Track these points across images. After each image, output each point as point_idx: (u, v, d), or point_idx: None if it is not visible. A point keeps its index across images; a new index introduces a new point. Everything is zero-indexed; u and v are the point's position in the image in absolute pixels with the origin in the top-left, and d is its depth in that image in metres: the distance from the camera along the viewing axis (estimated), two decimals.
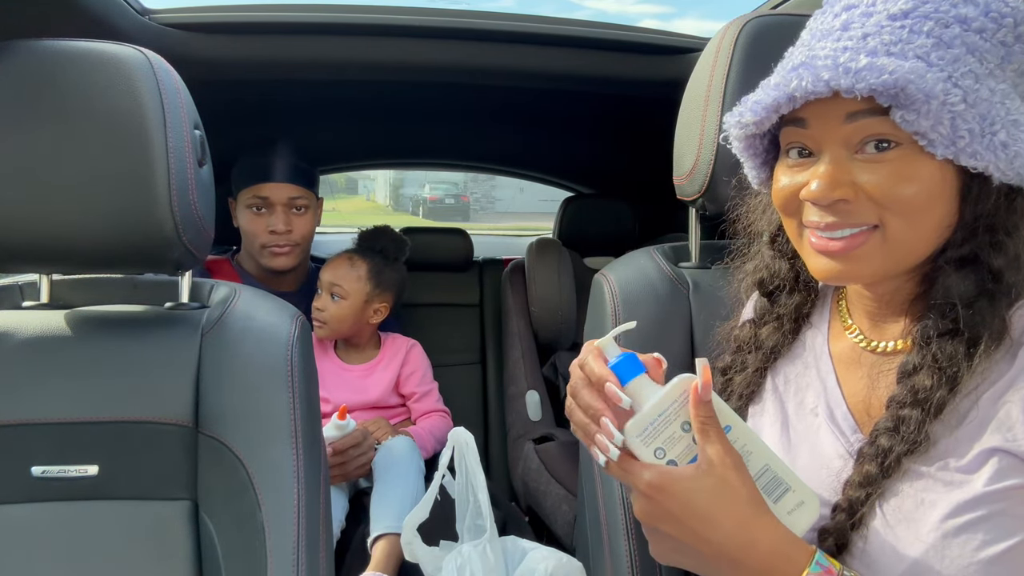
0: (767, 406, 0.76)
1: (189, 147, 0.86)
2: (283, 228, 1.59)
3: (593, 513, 0.92)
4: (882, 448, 0.60)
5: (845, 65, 0.54)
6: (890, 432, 0.60)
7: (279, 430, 0.87)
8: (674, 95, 1.04)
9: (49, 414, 0.85)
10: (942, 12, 0.56)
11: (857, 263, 0.61)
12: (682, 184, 1.00)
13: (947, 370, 0.58)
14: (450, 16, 1.44)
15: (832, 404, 0.70)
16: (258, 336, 0.91)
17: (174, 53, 1.00)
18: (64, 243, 0.82)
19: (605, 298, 0.98)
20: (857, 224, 0.59)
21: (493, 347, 2.12)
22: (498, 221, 17.70)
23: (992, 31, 0.55)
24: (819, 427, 0.70)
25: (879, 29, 0.57)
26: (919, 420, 0.59)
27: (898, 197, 0.57)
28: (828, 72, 0.55)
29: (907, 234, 0.59)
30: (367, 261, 1.66)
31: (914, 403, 0.59)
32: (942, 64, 0.55)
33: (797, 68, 0.57)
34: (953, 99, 0.54)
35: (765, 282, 0.77)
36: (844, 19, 0.59)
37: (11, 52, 0.82)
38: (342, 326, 1.64)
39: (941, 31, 0.55)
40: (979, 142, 0.55)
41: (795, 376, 0.75)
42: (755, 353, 0.78)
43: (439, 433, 1.65)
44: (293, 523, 0.83)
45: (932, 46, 0.55)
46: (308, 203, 1.65)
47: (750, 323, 0.80)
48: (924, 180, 0.57)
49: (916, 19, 0.56)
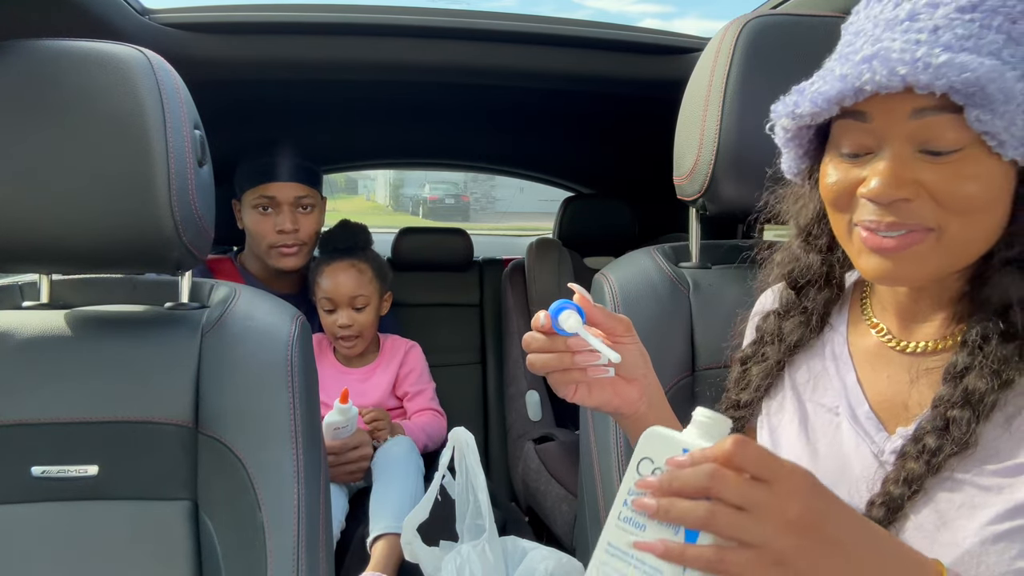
0: (786, 403, 0.75)
1: (189, 147, 0.86)
2: (290, 227, 1.59)
3: (593, 513, 0.92)
4: (929, 447, 0.58)
5: (924, 60, 0.51)
6: (939, 432, 0.58)
7: (279, 430, 0.87)
8: (674, 95, 1.04)
9: (49, 414, 0.85)
10: (1009, 6, 0.54)
11: (910, 263, 0.59)
12: (682, 184, 1.00)
13: (1002, 373, 0.57)
14: (450, 16, 1.44)
15: (853, 403, 0.68)
16: (258, 336, 0.91)
17: (174, 53, 1.00)
18: (64, 243, 0.82)
19: (605, 298, 0.98)
20: (916, 225, 0.57)
21: (493, 347, 2.12)
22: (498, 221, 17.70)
23: None
24: (839, 425, 0.69)
25: (949, 22, 0.53)
26: (970, 421, 0.57)
27: (961, 197, 0.55)
28: (905, 67, 0.52)
29: (965, 235, 0.57)
30: (368, 263, 1.67)
31: (964, 404, 0.58)
32: (1014, 62, 0.53)
33: (869, 60, 0.54)
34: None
35: (795, 275, 0.75)
36: (909, 8, 0.56)
37: (11, 52, 0.82)
38: (371, 331, 1.68)
39: (1010, 27, 0.53)
40: None
41: (814, 374, 0.74)
42: (776, 345, 0.76)
43: (431, 431, 1.65)
44: (293, 523, 0.83)
45: (1004, 43, 0.53)
46: (314, 202, 1.66)
47: (774, 315, 0.78)
48: (988, 181, 0.55)
49: (985, 13, 0.53)
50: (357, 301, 1.63)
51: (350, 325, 1.62)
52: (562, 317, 0.67)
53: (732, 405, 0.79)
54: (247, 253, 1.73)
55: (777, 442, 0.74)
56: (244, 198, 1.64)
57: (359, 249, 1.69)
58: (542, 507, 1.71)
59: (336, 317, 1.62)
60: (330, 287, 1.62)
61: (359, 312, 1.63)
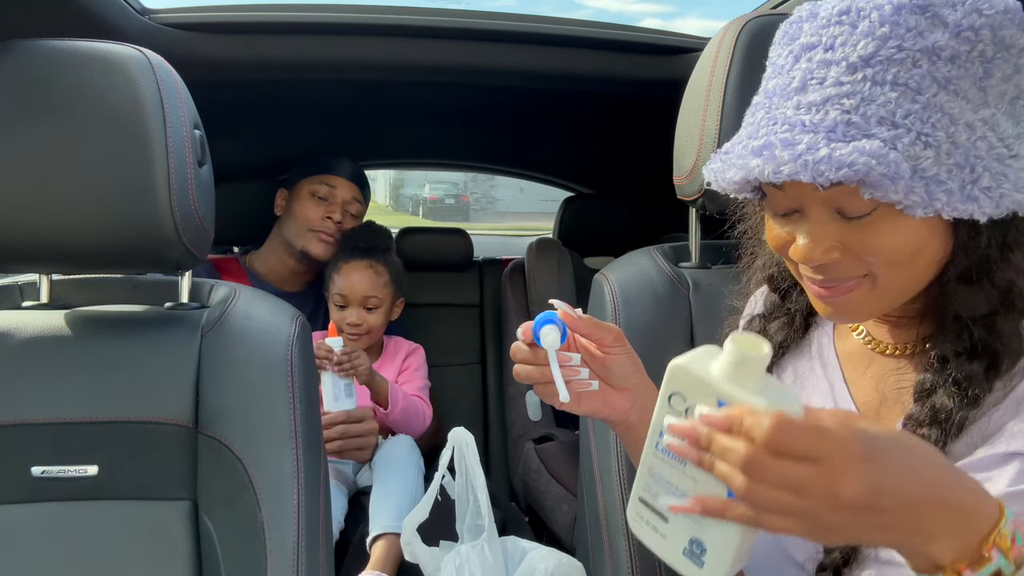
0: None
1: (189, 147, 0.86)
2: (339, 218, 1.71)
3: (593, 513, 0.92)
4: None
5: (804, 158, 0.52)
6: None
7: (279, 430, 0.87)
8: (674, 95, 1.04)
9: (49, 414, 0.85)
10: (907, 48, 0.52)
11: (852, 306, 0.61)
12: (682, 184, 1.00)
13: (968, 391, 0.57)
14: (450, 16, 1.44)
15: (840, 404, 0.69)
16: (258, 336, 0.91)
17: (174, 53, 1.00)
18: (64, 243, 0.82)
19: (605, 298, 0.98)
20: (846, 277, 0.59)
21: (493, 347, 2.12)
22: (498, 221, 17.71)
23: (966, 53, 0.52)
24: None
25: (838, 88, 0.54)
26: (938, 440, 0.57)
27: (884, 252, 0.56)
28: (787, 165, 0.53)
29: (898, 280, 0.59)
30: (386, 265, 1.68)
31: (933, 422, 0.58)
32: (909, 123, 0.52)
33: (759, 153, 0.55)
34: (925, 163, 0.52)
35: (776, 278, 0.76)
36: (803, 70, 0.56)
37: (11, 52, 0.82)
38: (379, 333, 1.69)
39: (908, 75, 0.52)
40: (958, 198, 0.53)
41: (801, 375, 0.74)
42: None
43: (414, 404, 1.62)
44: (293, 523, 0.83)
45: (897, 100, 0.52)
46: (361, 210, 1.79)
47: (759, 318, 0.79)
48: (907, 234, 0.56)
49: (878, 67, 0.53)
50: (369, 302, 1.64)
51: (359, 324, 1.63)
52: (542, 333, 0.67)
53: None
54: (263, 250, 1.76)
55: None
56: (302, 184, 1.74)
57: (379, 251, 1.70)
58: (542, 507, 1.71)
59: (346, 314, 1.63)
60: (345, 285, 1.63)
61: (370, 313, 1.64)
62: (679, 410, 0.52)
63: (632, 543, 0.85)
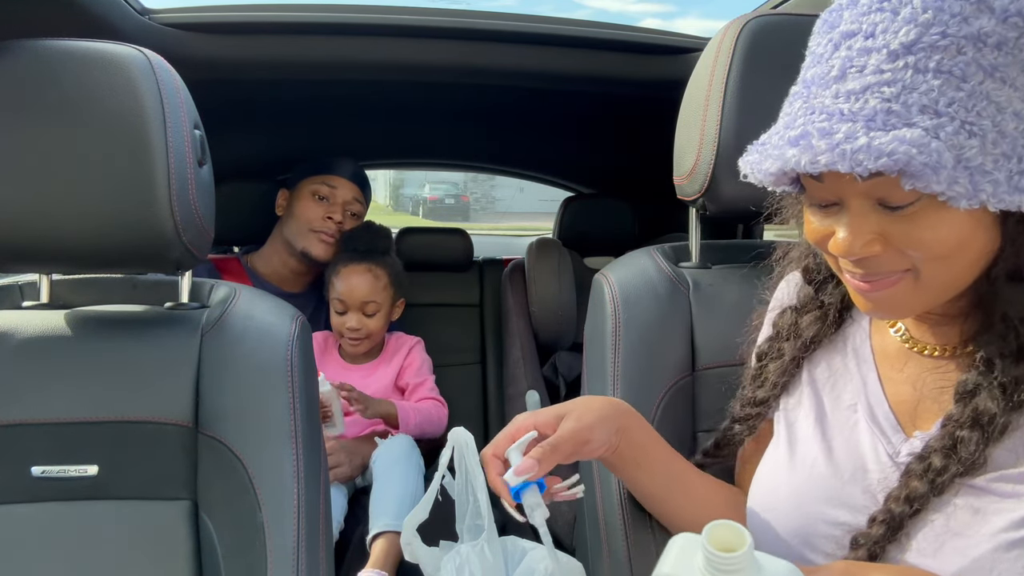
0: (803, 399, 0.74)
1: (189, 147, 0.86)
2: (339, 219, 1.71)
3: (592, 514, 0.92)
4: (935, 467, 0.58)
5: (842, 147, 0.51)
6: (946, 451, 0.58)
7: (279, 430, 0.86)
8: (674, 95, 1.04)
9: (49, 414, 0.85)
10: (951, 35, 0.50)
11: (894, 302, 0.59)
12: (682, 184, 1.00)
13: (1014, 395, 0.56)
14: (450, 16, 1.44)
15: (873, 402, 0.67)
16: (258, 336, 0.91)
17: (174, 53, 1.00)
18: (64, 243, 0.82)
19: (605, 298, 0.98)
20: (888, 272, 0.58)
21: (493, 347, 2.12)
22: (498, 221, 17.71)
23: (1014, 40, 0.50)
24: (856, 423, 0.68)
25: (878, 77, 0.52)
26: (979, 442, 0.56)
27: (926, 245, 0.54)
28: (825, 156, 0.52)
29: (941, 275, 0.56)
30: (385, 268, 1.68)
31: (974, 425, 0.57)
32: (952, 111, 0.50)
33: (796, 142, 0.54)
34: (969, 152, 0.50)
35: (811, 270, 0.75)
36: (842, 59, 0.54)
37: (11, 52, 0.82)
38: (379, 336, 1.69)
39: (952, 63, 0.50)
40: (1004, 189, 0.51)
41: (834, 370, 0.73)
42: (793, 341, 0.75)
43: (429, 415, 1.64)
44: (293, 523, 0.83)
45: (940, 88, 0.50)
46: (362, 211, 1.78)
47: (791, 310, 0.77)
48: (951, 227, 0.54)
49: (920, 53, 0.51)
50: (368, 307, 1.63)
51: (359, 329, 1.62)
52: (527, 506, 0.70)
53: (749, 402, 0.79)
54: (264, 251, 1.76)
55: (794, 437, 0.73)
56: (303, 185, 1.73)
57: (378, 253, 1.70)
58: None
59: (345, 319, 1.63)
60: (344, 289, 1.63)
61: (369, 317, 1.64)
62: None
63: (630, 544, 0.85)
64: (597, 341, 0.98)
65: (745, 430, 0.79)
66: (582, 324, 1.07)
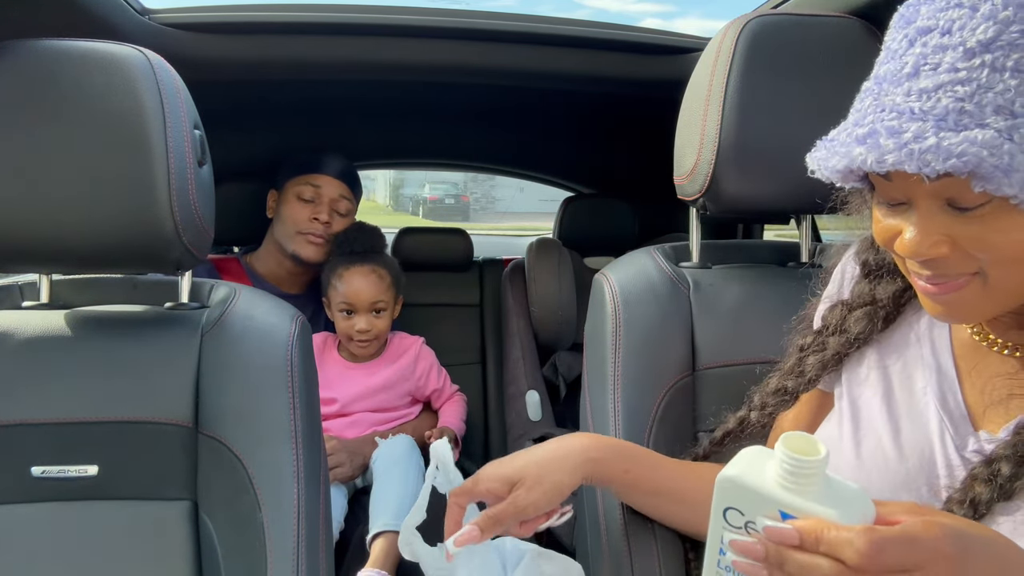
0: (871, 376, 0.72)
1: (189, 147, 0.85)
2: (326, 219, 1.68)
3: (592, 515, 0.92)
4: (1002, 474, 0.56)
5: (910, 147, 0.50)
6: (1017, 460, 0.56)
7: (279, 430, 0.86)
8: (675, 95, 1.04)
9: (49, 414, 0.85)
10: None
11: (961, 306, 0.58)
12: (683, 184, 1.00)
13: None
14: (451, 16, 1.44)
15: (945, 388, 0.65)
16: (258, 336, 0.91)
17: (174, 53, 1.00)
18: (64, 243, 0.82)
19: (605, 298, 0.98)
20: (955, 275, 0.56)
21: (493, 347, 2.12)
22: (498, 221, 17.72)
23: None
24: (927, 406, 0.66)
25: (952, 75, 0.50)
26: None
27: (996, 248, 0.53)
28: (892, 155, 0.51)
29: (1011, 280, 0.55)
30: (387, 268, 1.68)
31: None
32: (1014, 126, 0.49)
33: (863, 140, 0.53)
34: None
35: (869, 264, 0.73)
36: (916, 55, 0.53)
37: (11, 52, 0.82)
38: (385, 335, 1.70)
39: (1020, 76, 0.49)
40: None
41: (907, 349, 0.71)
42: (838, 336, 0.74)
43: (463, 415, 1.76)
44: (293, 523, 0.83)
45: (1018, 88, 0.49)
46: (351, 207, 1.75)
47: (842, 305, 0.76)
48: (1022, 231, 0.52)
49: (998, 52, 0.49)
50: (377, 306, 1.63)
51: (369, 330, 1.62)
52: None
53: (777, 390, 0.77)
54: (260, 252, 1.75)
55: (857, 415, 0.71)
56: (288, 186, 1.70)
57: (377, 253, 1.70)
58: None
59: (354, 321, 1.63)
60: (351, 292, 1.62)
61: (378, 317, 1.64)
62: (737, 525, 0.50)
63: (631, 544, 0.85)
64: (597, 341, 0.98)
65: (763, 418, 0.79)
66: (582, 324, 1.07)
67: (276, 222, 1.71)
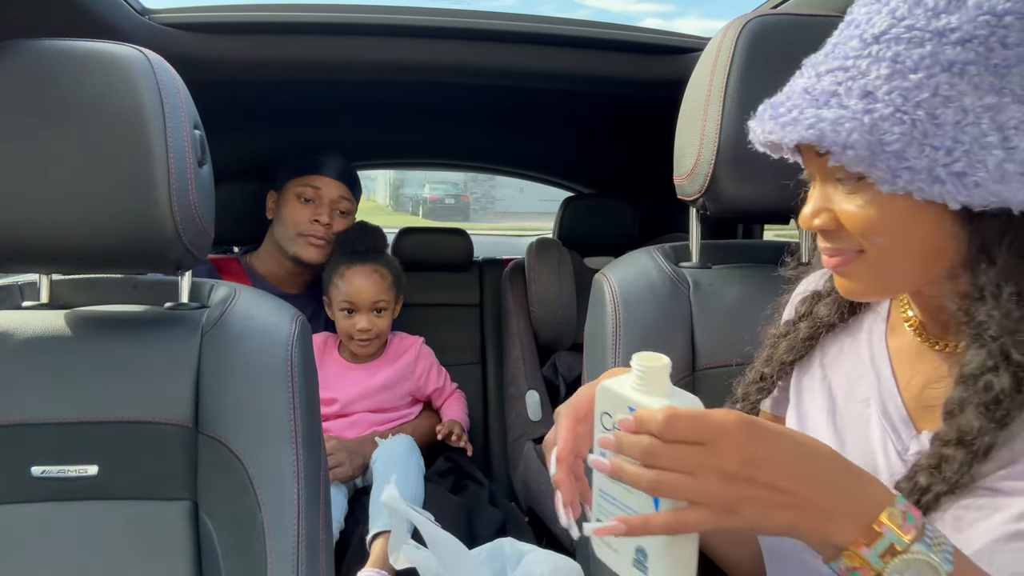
0: (816, 389, 0.74)
1: (189, 147, 0.85)
2: (327, 220, 1.67)
3: None
4: (920, 486, 0.58)
5: (781, 120, 0.57)
6: (931, 470, 0.57)
7: (279, 430, 0.86)
8: (675, 95, 1.04)
9: (49, 414, 0.85)
10: (918, 28, 0.53)
11: (852, 280, 0.62)
12: (683, 184, 1.00)
13: (995, 411, 0.55)
14: (451, 16, 1.44)
15: (885, 397, 0.67)
16: (258, 336, 0.91)
17: (174, 53, 1.00)
18: (64, 243, 0.82)
19: (605, 298, 0.98)
20: (843, 248, 0.61)
21: (493, 347, 2.12)
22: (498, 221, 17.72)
23: (982, 38, 0.51)
24: (869, 419, 0.67)
25: (843, 62, 0.56)
26: (963, 462, 0.56)
27: (858, 223, 0.57)
28: (769, 125, 0.59)
29: (889, 261, 0.58)
30: (388, 268, 1.69)
31: (959, 443, 0.56)
32: (890, 98, 0.53)
33: (761, 114, 0.60)
34: (890, 138, 0.52)
35: None
36: (831, 44, 0.59)
37: (11, 52, 0.82)
38: (386, 334, 1.70)
39: (907, 54, 0.53)
40: (923, 178, 0.52)
41: (847, 360, 0.72)
42: (807, 321, 0.77)
43: (466, 409, 1.79)
44: (293, 523, 0.83)
45: (888, 77, 0.53)
46: (351, 208, 1.75)
47: (812, 296, 0.78)
48: (884, 210, 0.56)
49: (884, 44, 0.54)
50: (378, 306, 1.64)
51: (369, 329, 1.63)
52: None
53: (755, 379, 0.80)
54: (260, 252, 1.75)
55: (804, 428, 0.73)
56: (288, 187, 1.70)
57: (379, 252, 1.70)
58: (542, 508, 1.71)
59: (355, 321, 1.63)
60: (352, 291, 1.63)
61: (379, 316, 1.64)
62: (608, 427, 0.57)
63: None
64: (597, 341, 0.98)
65: (746, 408, 0.80)
66: (582, 324, 1.07)
67: (276, 223, 1.71)
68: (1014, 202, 0.51)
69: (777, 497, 0.51)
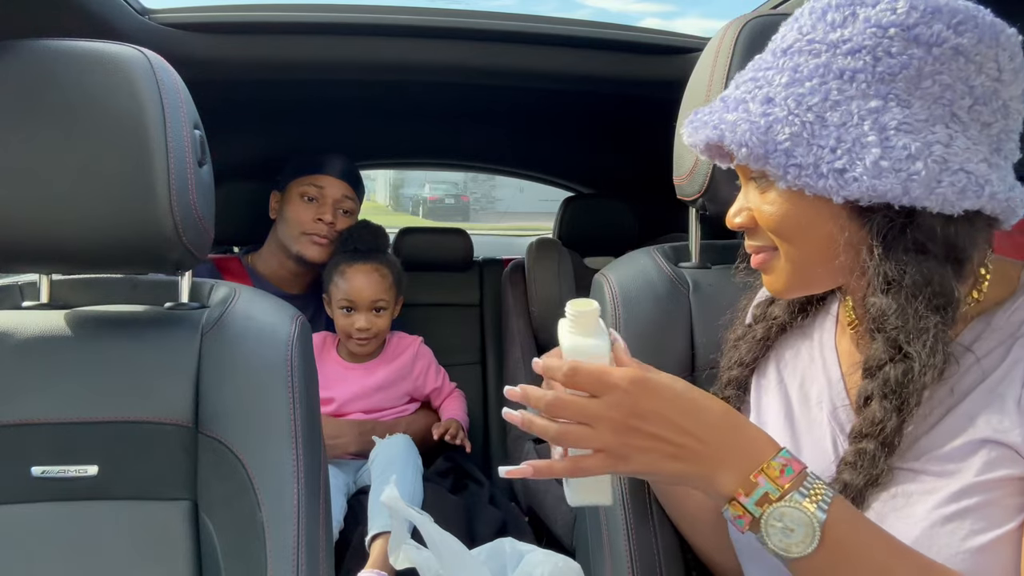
0: (771, 391, 0.76)
1: (189, 147, 0.85)
2: (330, 219, 1.68)
3: (593, 514, 0.92)
4: (842, 481, 0.60)
5: (695, 124, 0.64)
6: (850, 466, 0.60)
7: (279, 430, 0.86)
8: (674, 95, 1.04)
9: (49, 414, 0.85)
10: (817, 40, 0.58)
11: (773, 276, 0.66)
12: (682, 184, 1.00)
13: (892, 400, 0.58)
14: (450, 16, 1.44)
15: (836, 400, 0.69)
16: (258, 336, 0.91)
17: (174, 53, 1.00)
18: (64, 243, 0.82)
19: (605, 298, 0.98)
20: (761, 246, 0.66)
21: (493, 347, 2.12)
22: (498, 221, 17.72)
23: (870, 48, 0.56)
24: (822, 422, 0.69)
25: (756, 72, 0.62)
26: (876, 454, 0.59)
27: (775, 222, 0.62)
28: (687, 129, 0.65)
29: (799, 255, 0.62)
30: (389, 267, 1.69)
31: (869, 435, 0.59)
32: (787, 103, 0.58)
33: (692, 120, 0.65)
34: (780, 137, 0.57)
35: None
36: (756, 58, 0.64)
37: (11, 52, 0.82)
38: (385, 334, 1.70)
39: (805, 64, 0.58)
40: (809, 173, 0.57)
41: (801, 364, 0.75)
42: (764, 322, 0.80)
43: (465, 408, 1.79)
44: (293, 523, 0.83)
45: (786, 84, 0.58)
46: (354, 208, 1.75)
47: (767, 299, 0.81)
48: (793, 207, 0.60)
49: (789, 55, 0.60)
50: (377, 305, 1.63)
51: (368, 328, 1.62)
52: None
53: (728, 383, 0.81)
54: (262, 252, 1.76)
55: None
56: (291, 187, 1.70)
57: (380, 252, 1.70)
58: (542, 507, 1.71)
59: (354, 319, 1.63)
60: (352, 290, 1.62)
61: (378, 316, 1.64)
62: None
63: (633, 543, 0.85)
64: None
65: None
66: None
67: (279, 223, 1.72)
68: (890, 196, 0.55)
69: (663, 447, 0.58)
